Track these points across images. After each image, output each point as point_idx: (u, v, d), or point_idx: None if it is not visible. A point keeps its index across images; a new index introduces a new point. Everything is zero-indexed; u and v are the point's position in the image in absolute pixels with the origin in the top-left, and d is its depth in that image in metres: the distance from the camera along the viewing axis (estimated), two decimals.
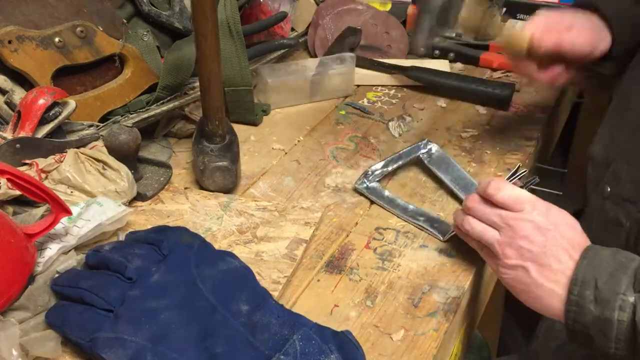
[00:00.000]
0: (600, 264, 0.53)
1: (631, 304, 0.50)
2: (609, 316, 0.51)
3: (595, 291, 0.52)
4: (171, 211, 0.71)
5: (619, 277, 0.52)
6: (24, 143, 0.69)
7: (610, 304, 0.51)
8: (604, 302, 0.51)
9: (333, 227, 0.71)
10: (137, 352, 0.49)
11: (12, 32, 0.73)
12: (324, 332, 0.51)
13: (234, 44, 0.87)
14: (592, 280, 0.53)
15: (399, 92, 1.02)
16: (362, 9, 1.10)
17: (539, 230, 0.56)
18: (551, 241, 0.56)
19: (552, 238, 0.56)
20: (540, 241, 0.56)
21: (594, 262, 0.54)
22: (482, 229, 0.60)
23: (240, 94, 0.89)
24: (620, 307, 0.51)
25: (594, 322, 0.52)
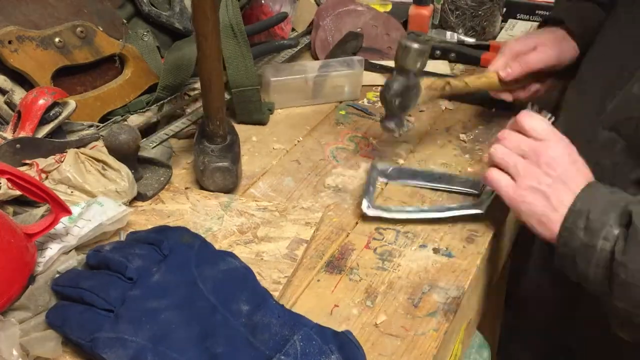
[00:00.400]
0: (595, 199, 0.60)
1: (614, 236, 0.56)
2: (594, 244, 0.57)
3: (587, 221, 0.58)
4: (172, 211, 0.71)
5: (609, 212, 0.57)
6: (24, 143, 0.69)
7: (597, 233, 0.57)
8: (593, 231, 0.57)
9: (333, 227, 0.71)
10: (137, 352, 0.49)
11: (12, 32, 0.73)
12: (325, 333, 0.51)
13: (238, 45, 0.87)
14: (586, 212, 0.59)
15: None
16: (362, 10, 1.10)
17: (559, 160, 0.62)
18: (568, 172, 0.62)
19: (569, 170, 0.62)
20: (560, 170, 0.62)
21: (591, 197, 0.60)
22: (509, 152, 0.65)
23: (248, 94, 0.89)
24: (605, 237, 0.57)
25: (580, 247, 0.58)
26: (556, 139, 0.64)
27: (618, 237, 0.56)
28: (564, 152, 0.63)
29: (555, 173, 0.62)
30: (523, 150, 0.64)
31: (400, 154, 0.85)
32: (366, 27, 1.08)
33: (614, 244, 0.56)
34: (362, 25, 1.08)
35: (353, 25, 1.08)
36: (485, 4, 1.11)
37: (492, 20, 1.14)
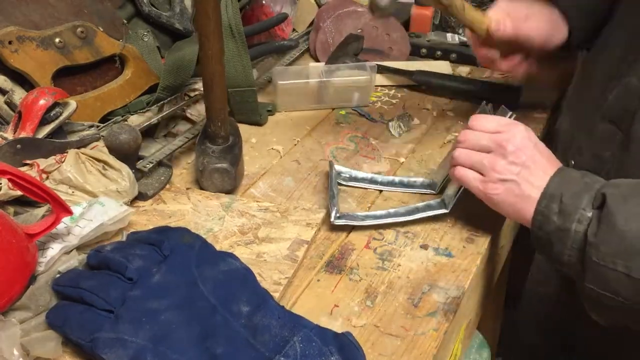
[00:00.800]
0: (568, 182, 0.60)
1: (588, 218, 0.57)
2: (568, 227, 0.58)
3: (560, 205, 0.59)
4: (173, 211, 0.71)
5: (582, 195, 0.58)
6: (24, 143, 0.69)
7: (571, 216, 0.58)
8: (566, 214, 0.58)
9: (333, 227, 0.71)
10: (137, 353, 0.49)
11: (13, 32, 0.73)
12: (325, 334, 0.51)
13: (236, 45, 0.87)
14: (559, 196, 0.59)
15: (399, 92, 1.02)
16: (362, 11, 1.10)
17: (523, 148, 0.63)
18: (534, 158, 0.63)
19: (534, 155, 0.63)
20: (525, 157, 0.63)
21: (563, 181, 0.61)
22: (472, 152, 0.66)
23: (244, 95, 0.89)
24: (579, 219, 0.57)
25: (555, 231, 0.59)
26: (516, 128, 0.64)
27: (591, 219, 0.57)
28: (527, 139, 0.64)
29: (521, 160, 0.62)
30: (485, 145, 0.65)
31: (400, 154, 0.85)
32: (366, 28, 1.08)
33: (587, 226, 0.57)
34: (363, 26, 1.08)
35: (353, 26, 1.08)
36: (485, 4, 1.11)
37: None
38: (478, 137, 0.66)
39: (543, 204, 0.60)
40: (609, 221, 0.55)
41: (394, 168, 0.83)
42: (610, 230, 0.55)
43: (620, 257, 0.54)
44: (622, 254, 0.54)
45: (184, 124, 0.89)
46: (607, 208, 0.56)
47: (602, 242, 0.55)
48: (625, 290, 0.55)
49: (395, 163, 0.83)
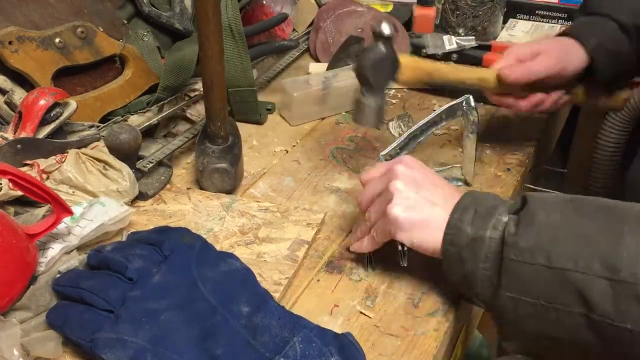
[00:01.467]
0: (481, 197, 0.58)
1: (504, 223, 0.54)
2: (482, 235, 0.54)
3: (475, 214, 0.55)
4: (173, 211, 0.71)
5: (497, 205, 0.56)
6: (25, 143, 0.69)
7: (485, 223, 0.54)
8: (480, 222, 0.55)
9: (333, 227, 0.71)
10: (137, 353, 0.49)
11: (13, 32, 0.73)
12: (325, 335, 0.51)
13: (236, 45, 0.87)
14: (473, 207, 0.56)
15: (399, 92, 1.02)
16: (362, 10, 1.10)
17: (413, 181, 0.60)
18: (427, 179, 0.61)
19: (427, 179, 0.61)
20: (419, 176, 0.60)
21: (476, 196, 0.58)
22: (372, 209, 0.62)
23: (244, 95, 0.89)
24: (494, 225, 0.54)
25: (467, 242, 0.55)
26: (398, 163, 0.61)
27: (507, 223, 0.53)
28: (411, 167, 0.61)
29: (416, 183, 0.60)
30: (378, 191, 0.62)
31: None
32: (367, 28, 1.08)
33: (503, 230, 0.53)
34: (363, 26, 1.08)
35: (353, 26, 1.08)
36: (485, 4, 1.11)
37: (493, 20, 1.14)
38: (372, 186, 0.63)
39: (456, 216, 0.56)
40: (529, 217, 0.52)
41: None
42: (530, 225, 0.52)
43: (539, 249, 0.50)
44: (542, 245, 0.50)
45: (184, 124, 0.89)
46: (527, 207, 0.53)
47: (521, 238, 0.51)
48: (545, 286, 0.50)
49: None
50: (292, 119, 0.92)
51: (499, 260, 0.53)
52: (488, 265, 0.53)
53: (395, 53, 0.74)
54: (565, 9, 1.18)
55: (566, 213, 0.52)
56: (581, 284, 0.48)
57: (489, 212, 0.55)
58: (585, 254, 0.48)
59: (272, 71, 1.04)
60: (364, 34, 1.06)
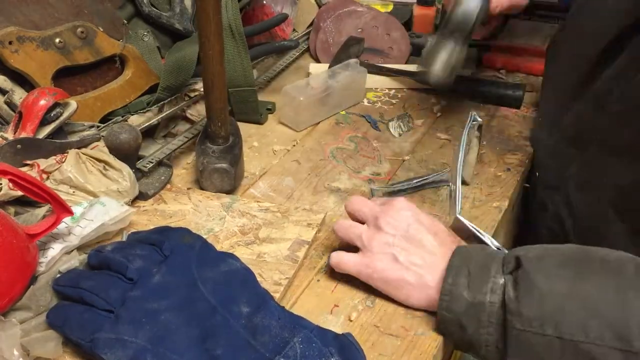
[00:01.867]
0: (470, 256, 0.56)
1: (501, 285, 0.52)
2: (481, 300, 0.52)
3: (468, 277, 0.54)
4: (174, 211, 0.71)
5: (489, 265, 0.54)
6: (25, 144, 0.69)
7: (482, 288, 0.53)
8: (476, 286, 0.53)
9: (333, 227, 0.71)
10: (137, 353, 0.49)
11: (13, 32, 0.73)
12: (325, 335, 0.51)
13: (236, 45, 0.87)
14: (465, 268, 0.54)
15: (399, 92, 1.02)
16: (362, 10, 1.10)
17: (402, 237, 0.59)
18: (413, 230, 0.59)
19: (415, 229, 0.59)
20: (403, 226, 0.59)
21: (464, 255, 0.56)
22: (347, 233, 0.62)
23: (244, 95, 0.89)
24: (492, 289, 0.52)
25: (466, 308, 0.53)
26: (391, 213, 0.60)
27: (505, 285, 0.52)
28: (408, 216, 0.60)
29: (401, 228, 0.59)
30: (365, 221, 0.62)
31: (400, 154, 0.85)
32: (367, 28, 1.08)
33: (503, 294, 0.52)
34: (363, 26, 1.08)
35: (354, 26, 1.08)
36: None
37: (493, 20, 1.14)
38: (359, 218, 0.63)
39: (449, 280, 0.54)
40: (528, 281, 0.51)
41: (394, 168, 0.83)
42: (531, 292, 0.50)
43: (547, 320, 0.49)
44: (548, 315, 0.49)
45: (183, 124, 0.89)
46: (523, 270, 0.51)
47: (524, 306, 0.50)
48: (558, 355, 0.49)
49: (395, 163, 0.84)
50: (299, 125, 0.90)
51: (502, 325, 0.52)
52: (492, 330, 0.52)
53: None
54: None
55: (566, 278, 0.51)
56: (596, 355, 0.48)
57: (483, 274, 0.53)
58: (594, 324, 0.48)
59: (272, 71, 1.04)
60: (364, 34, 1.06)
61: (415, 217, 0.60)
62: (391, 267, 0.58)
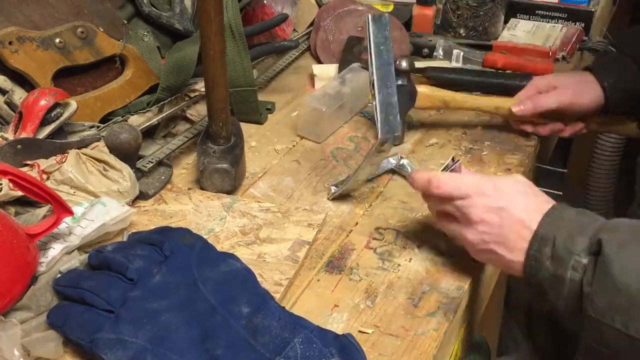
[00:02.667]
0: (561, 223, 0.55)
1: (583, 265, 0.52)
2: (562, 274, 0.53)
3: (553, 249, 0.54)
4: (174, 211, 0.71)
5: (577, 237, 0.53)
6: (25, 144, 0.69)
7: (564, 263, 0.53)
8: (559, 260, 0.53)
9: (333, 227, 0.71)
10: (137, 353, 0.49)
11: (13, 32, 0.73)
12: (326, 335, 0.51)
13: (236, 45, 0.87)
14: (552, 239, 0.54)
15: None
16: (362, 9, 1.10)
17: (491, 212, 0.58)
18: (506, 219, 0.57)
19: (507, 215, 0.58)
20: (496, 221, 0.58)
21: (556, 221, 0.56)
22: (445, 224, 0.63)
23: (244, 95, 0.89)
24: (573, 267, 0.52)
25: (548, 278, 0.54)
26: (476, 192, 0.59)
27: (587, 267, 0.52)
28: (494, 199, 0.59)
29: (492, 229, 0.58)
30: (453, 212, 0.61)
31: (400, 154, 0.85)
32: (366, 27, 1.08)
33: (583, 275, 0.52)
34: (363, 24, 1.08)
35: (354, 24, 1.08)
36: (486, 4, 1.11)
37: (494, 20, 1.14)
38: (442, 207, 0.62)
39: (534, 248, 0.55)
40: (605, 271, 0.50)
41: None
42: (605, 281, 0.50)
43: (617, 313, 0.50)
44: (617, 309, 0.50)
45: (184, 124, 0.89)
46: (602, 256, 0.51)
47: (597, 294, 0.51)
48: (624, 350, 0.50)
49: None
50: (320, 136, 0.88)
51: (578, 304, 0.52)
52: (571, 303, 0.53)
53: (414, 85, 0.83)
54: (565, 9, 1.18)
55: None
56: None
57: (567, 249, 0.53)
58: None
59: (272, 71, 1.04)
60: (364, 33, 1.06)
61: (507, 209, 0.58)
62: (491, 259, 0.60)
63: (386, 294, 0.61)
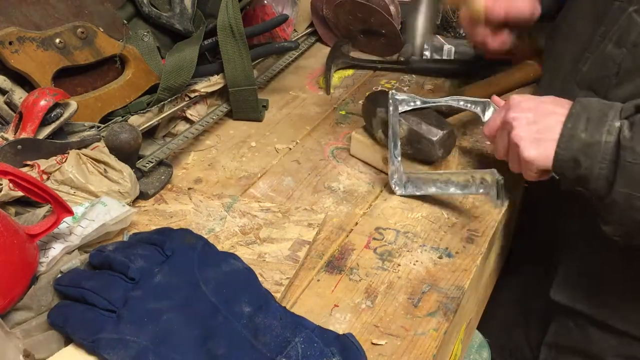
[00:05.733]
0: (590, 104, 0.62)
1: (617, 127, 0.59)
2: (598, 139, 0.60)
3: (587, 122, 0.61)
4: (174, 211, 0.71)
5: (607, 111, 0.61)
6: (25, 144, 0.69)
7: (599, 129, 0.60)
8: (594, 128, 0.60)
9: (333, 227, 0.71)
10: (139, 353, 0.49)
11: (13, 33, 0.73)
12: (327, 335, 0.52)
13: (236, 45, 0.87)
14: (585, 114, 0.61)
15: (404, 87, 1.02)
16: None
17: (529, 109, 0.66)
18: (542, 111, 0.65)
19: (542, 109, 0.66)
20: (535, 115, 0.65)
21: (585, 103, 0.63)
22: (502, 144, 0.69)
23: (245, 94, 0.90)
24: (608, 131, 0.59)
25: (582, 147, 0.60)
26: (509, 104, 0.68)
27: (621, 128, 0.59)
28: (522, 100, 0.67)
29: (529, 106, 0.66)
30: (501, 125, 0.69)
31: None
32: None
33: (618, 135, 0.59)
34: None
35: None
36: None
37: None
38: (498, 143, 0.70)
39: (569, 125, 0.61)
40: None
41: None
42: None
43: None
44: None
45: (183, 125, 0.89)
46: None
47: (637, 143, 0.57)
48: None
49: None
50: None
51: (615, 161, 0.59)
52: (604, 165, 0.59)
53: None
54: None
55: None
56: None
57: (600, 119, 0.60)
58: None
59: (272, 70, 1.05)
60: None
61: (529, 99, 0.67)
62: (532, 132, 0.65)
63: (386, 294, 0.62)
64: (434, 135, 0.75)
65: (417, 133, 0.75)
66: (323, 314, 0.59)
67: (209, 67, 0.91)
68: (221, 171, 0.81)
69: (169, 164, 0.79)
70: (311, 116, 0.95)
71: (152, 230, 0.64)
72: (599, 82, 0.71)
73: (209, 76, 0.90)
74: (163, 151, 0.79)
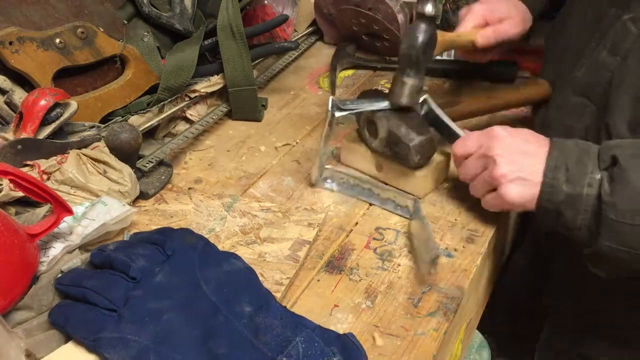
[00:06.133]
0: (567, 151, 0.63)
1: (598, 180, 0.60)
2: (580, 192, 0.60)
3: (567, 173, 0.61)
4: (175, 211, 0.72)
5: (585, 161, 0.61)
6: (25, 144, 0.69)
7: (580, 182, 0.60)
8: (575, 181, 0.61)
9: (333, 227, 0.71)
10: (140, 353, 0.49)
11: (13, 33, 0.73)
12: (327, 335, 0.52)
13: (236, 45, 0.87)
14: (563, 165, 0.62)
15: None
16: None
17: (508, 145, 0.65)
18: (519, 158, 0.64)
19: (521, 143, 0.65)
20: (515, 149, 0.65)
21: (561, 152, 0.63)
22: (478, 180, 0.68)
23: (245, 94, 0.90)
24: (589, 183, 0.60)
25: (565, 199, 0.61)
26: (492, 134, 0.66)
27: (602, 181, 0.59)
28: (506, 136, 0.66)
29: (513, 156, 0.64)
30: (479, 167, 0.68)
31: None
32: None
33: (599, 188, 0.59)
34: None
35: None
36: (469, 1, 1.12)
37: None
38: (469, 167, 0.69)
39: (549, 176, 0.62)
40: (623, 179, 0.57)
41: None
42: (625, 188, 0.57)
43: (637, 213, 0.57)
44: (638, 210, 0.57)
45: (183, 125, 0.89)
46: (619, 167, 0.58)
47: (619, 200, 0.57)
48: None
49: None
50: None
51: (597, 214, 0.59)
52: (587, 217, 0.60)
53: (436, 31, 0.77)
54: None
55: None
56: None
57: (580, 170, 0.61)
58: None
59: (272, 70, 1.05)
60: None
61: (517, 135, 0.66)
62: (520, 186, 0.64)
63: (386, 294, 0.62)
64: (410, 141, 0.71)
65: (395, 135, 0.72)
66: (323, 314, 0.59)
67: (209, 67, 0.91)
68: (221, 171, 0.81)
69: (169, 164, 0.79)
70: (311, 116, 0.95)
71: (153, 230, 0.64)
72: (592, 88, 0.71)
73: (209, 76, 0.90)
74: (163, 151, 0.79)
